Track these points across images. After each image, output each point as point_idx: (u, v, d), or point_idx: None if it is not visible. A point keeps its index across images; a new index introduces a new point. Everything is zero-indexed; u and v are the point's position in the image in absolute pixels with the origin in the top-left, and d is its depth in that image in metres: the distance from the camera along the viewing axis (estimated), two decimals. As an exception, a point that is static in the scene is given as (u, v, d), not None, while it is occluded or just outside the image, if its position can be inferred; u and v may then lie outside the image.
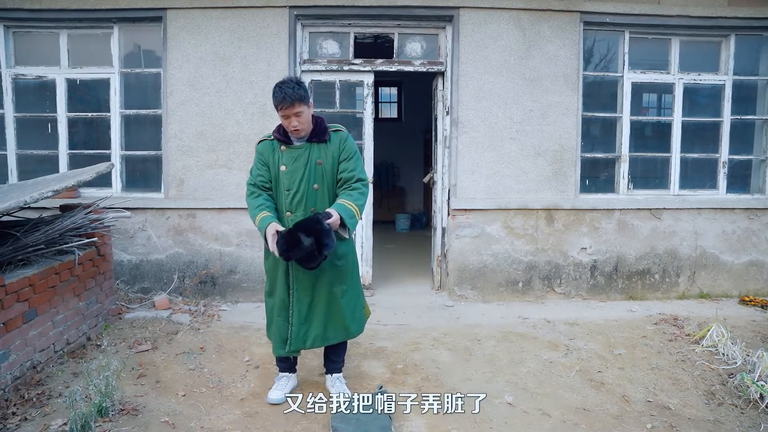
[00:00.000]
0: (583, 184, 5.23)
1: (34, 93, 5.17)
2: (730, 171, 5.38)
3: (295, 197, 2.87)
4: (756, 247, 5.25)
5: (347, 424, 2.69)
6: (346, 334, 3.03)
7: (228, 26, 4.87)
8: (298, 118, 2.80)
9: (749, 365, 3.42)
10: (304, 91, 2.81)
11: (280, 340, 2.98)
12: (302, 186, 2.87)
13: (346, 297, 2.99)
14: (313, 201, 2.88)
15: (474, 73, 4.95)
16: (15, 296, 3.07)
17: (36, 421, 2.75)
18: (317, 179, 2.89)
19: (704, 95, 5.49)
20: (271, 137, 2.97)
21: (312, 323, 2.95)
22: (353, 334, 3.06)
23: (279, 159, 2.91)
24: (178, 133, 4.93)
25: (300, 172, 2.87)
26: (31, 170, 5.10)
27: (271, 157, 2.94)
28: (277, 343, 3.01)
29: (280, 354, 3.02)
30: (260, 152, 2.98)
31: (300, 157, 2.88)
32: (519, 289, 5.11)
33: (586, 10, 4.98)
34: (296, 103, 2.77)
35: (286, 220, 2.88)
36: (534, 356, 3.74)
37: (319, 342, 2.99)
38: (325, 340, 3.00)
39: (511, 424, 2.86)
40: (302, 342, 2.95)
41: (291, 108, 2.77)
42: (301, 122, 2.83)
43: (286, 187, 2.88)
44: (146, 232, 4.95)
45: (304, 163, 2.87)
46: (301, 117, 2.81)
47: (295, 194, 2.87)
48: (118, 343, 3.81)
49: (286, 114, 2.80)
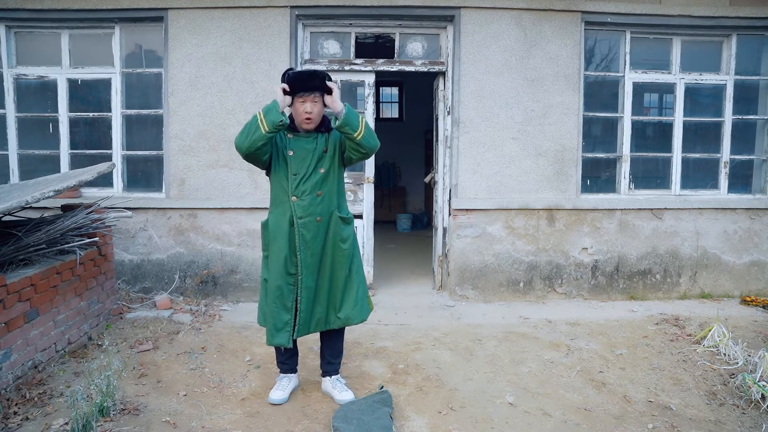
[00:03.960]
0: (585, 184, 5.23)
1: (36, 93, 5.17)
2: (732, 171, 5.38)
3: (303, 181, 2.85)
4: (757, 247, 5.25)
5: (348, 423, 2.69)
6: (346, 319, 2.99)
7: (229, 26, 4.88)
8: (314, 105, 2.82)
9: (751, 365, 3.42)
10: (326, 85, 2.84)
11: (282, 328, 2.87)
12: (309, 171, 2.86)
13: (351, 281, 3.00)
14: (319, 185, 2.88)
15: (475, 73, 4.95)
16: (17, 296, 3.08)
17: (37, 421, 2.75)
18: (323, 164, 2.91)
19: (706, 95, 5.48)
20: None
21: (316, 307, 2.94)
22: (354, 320, 3.00)
23: (286, 143, 2.90)
24: (180, 133, 4.93)
25: (308, 159, 2.87)
26: (33, 170, 5.11)
27: (279, 140, 2.91)
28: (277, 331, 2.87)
29: (282, 344, 2.88)
30: None
31: (306, 145, 2.88)
32: (520, 289, 5.11)
33: (588, 10, 4.98)
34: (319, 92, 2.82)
35: (291, 205, 2.85)
36: (535, 356, 3.74)
37: (321, 325, 2.97)
38: (327, 323, 2.98)
39: (512, 424, 2.86)
40: (307, 327, 2.92)
41: (311, 94, 2.80)
42: (315, 112, 2.84)
43: (293, 171, 2.86)
44: (147, 231, 4.96)
45: (311, 150, 2.88)
46: (317, 106, 2.83)
47: (302, 178, 2.85)
48: (119, 343, 3.81)
49: (304, 99, 2.81)
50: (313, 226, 2.87)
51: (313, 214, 2.87)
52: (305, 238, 2.86)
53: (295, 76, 2.82)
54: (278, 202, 2.92)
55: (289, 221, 2.86)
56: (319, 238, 2.90)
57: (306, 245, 2.87)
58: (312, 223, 2.87)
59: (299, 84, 2.80)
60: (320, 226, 2.89)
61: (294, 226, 2.86)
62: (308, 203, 2.86)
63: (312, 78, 2.82)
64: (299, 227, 2.86)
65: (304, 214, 2.85)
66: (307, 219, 2.86)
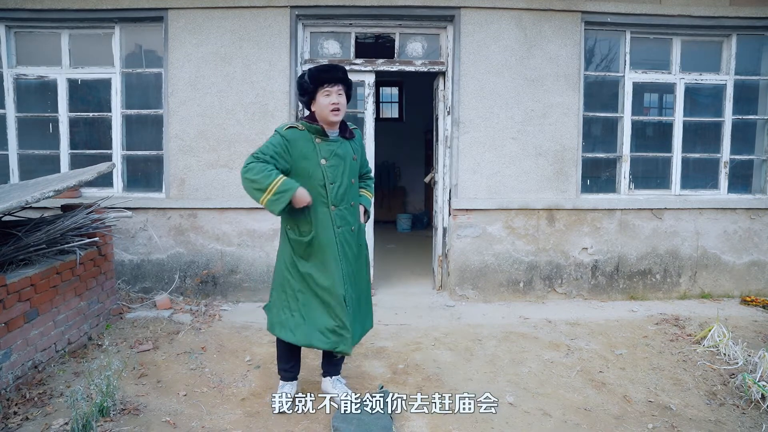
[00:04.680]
0: (585, 184, 5.23)
1: (36, 93, 5.17)
2: (732, 171, 5.38)
3: (339, 190, 2.81)
4: (758, 247, 5.25)
5: (348, 424, 2.69)
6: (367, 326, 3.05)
7: (229, 26, 4.88)
8: (340, 96, 2.78)
9: (751, 365, 3.42)
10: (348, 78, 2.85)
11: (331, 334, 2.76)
12: (344, 180, 2.83)
13: (369, 287, 3.05)
14: (352, 195, 2.90)
15: (475, 73, 4.95)
16: (17, 296, 3.08)
17: (37, 421, 2.76)
18: (353, 174, 2.90)
19: (706, 95, 5.48)
20: (300, 127, 2.79)
21: (356, 318, 2.90)
22: (369, 328, 3.08)
23: (317, 151, 2.78)
24: (180, 133, 4.93)
25: (341, 166, 2.82)
26: (33, 170, 5.11)
27: (304, 147, 2.76)
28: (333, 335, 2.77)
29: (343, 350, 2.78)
30: (289, 139, 2.74)
31: (338, 151, 2.83)
32: (520, 289, 5.11)
33: (588, 10, 4.98)
34: (341, 84, 2.79)
35: (330, 213, 2.78)
36: (535, 356, 3.74)
37: (360, 336, 2.97)
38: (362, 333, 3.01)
39: (512, 424, 2.86)
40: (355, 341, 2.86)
41: (336, 86, 2.76)
42: (342, 104, 2.79)
43: (330, 181, 2.78)
44: (147, 231, 4.96)
45: (343, 157, 2.84)
46: (342, 98, 2.80)
47: (339, 187, 2.80)
48: (119, 343, 3.81)
49: (329, 91, 2.74)
50: (349, 236, 2.87)
51: (349, 223, 2.87)
52: (344, 248, 2.84)
53: (318, 69, 2.79)
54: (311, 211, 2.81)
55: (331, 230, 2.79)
56: (354, 248, 2.91)
57: (345, 256, 2.84)
58: (348, 233, 2.86)
59: (324, 76, 2.75)
60: (354, 236, 2.90)
61: (335, 236, 2.81)
62: (345, 213, 2.85)
63: (335, 69, 2.80)
64: (339, 237, 2.82)
65: (342, 223, 2.83)
66: (344, 228, 2.85)
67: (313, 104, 2.81)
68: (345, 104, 2.82)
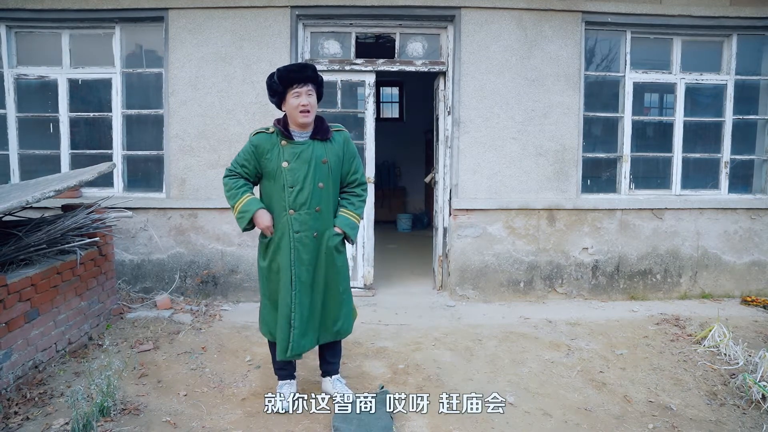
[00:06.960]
0: (585, 184, 5.23)
1: (36, 93, 5.18)
2: (732, 171, 5.37)
3: (300, 195, 2.76)
4: (758, 247, 5.24)
5: (349, 424, 2.69)
6: (337, 334, 2.97)
7: (229, 26, 4.88)
8: (309, 97, 2.77)
9: (751, 366, 3.42)
10: (318, 76, 2.83)
11: (283, 345, 2.80)
12: (307, 184, 2.77)
13: (345, 296, 2.97)
14: (318, 200, 2.80)
15: (475, 73, 4.95)
16: (17, 296, 3.08)
17: (38, 421, 2.76)
18: (322, 178, 2.81)
19: (706, 95, 5.48)
20: (270, 130, 2.84)
21: (310, 324, 2.84)
22: (344, 334, 3.01)
23: (280, 154, 2.78)
24: (180, 133, 4.93)
25: (304, 169, 2.77)
26: (33, 170, 5.11)
27: (269, 151, 2.80)
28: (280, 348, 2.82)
29: (283, 359, 2.85)
30: (255, 145, 2.82)
31: (303, 154, 2.78)
32: (520, 289, 5.10)
33: (588, 10, 4.98)
34: (311, 84, 2.78)
35: (288, 218, 2.78)
36: (535, 356, 3.74)
37: (313, 344, 2.90)
38: (318, 341, 2.93)
39: (512, 424, 2.86)
40: (302, 346, 2.81)
41: (305, 85, 2.76)
42: (312, 104, 2.78)
43: (289, 184, 2.76)
44: (148, 231, 4.96)
45: (308, 160, 2.78)
46: (312, 98, 2.79)
47: (299, 192, 2.76)
48: (119, 343, 3.81)
49: (298, 92, 2.75)
50: (309, 241, 2.80)
51: (311, 228, 2.80)
52: (300, 253, 2.78)
53: (286, 69, 2.78)
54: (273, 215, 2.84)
55: (287, 235, 2.78)
56: (314, 254, 2.83)
57: (301, 261, 2.78)
58: (308, 239, 2.79)
59: (292, 76, 2.75)
60: (315, 242, 2.82)
61: (291, 241, 2.78)
62: (306, 218, 2.78)
63: (304, 69, 2.79)
64: (294, 242, 2.77)
65: (300, 229, 2.78)
66: (304, 234, 2.78)
67: (284, 105, 2.82)
68: (315, 104, 2.83)
